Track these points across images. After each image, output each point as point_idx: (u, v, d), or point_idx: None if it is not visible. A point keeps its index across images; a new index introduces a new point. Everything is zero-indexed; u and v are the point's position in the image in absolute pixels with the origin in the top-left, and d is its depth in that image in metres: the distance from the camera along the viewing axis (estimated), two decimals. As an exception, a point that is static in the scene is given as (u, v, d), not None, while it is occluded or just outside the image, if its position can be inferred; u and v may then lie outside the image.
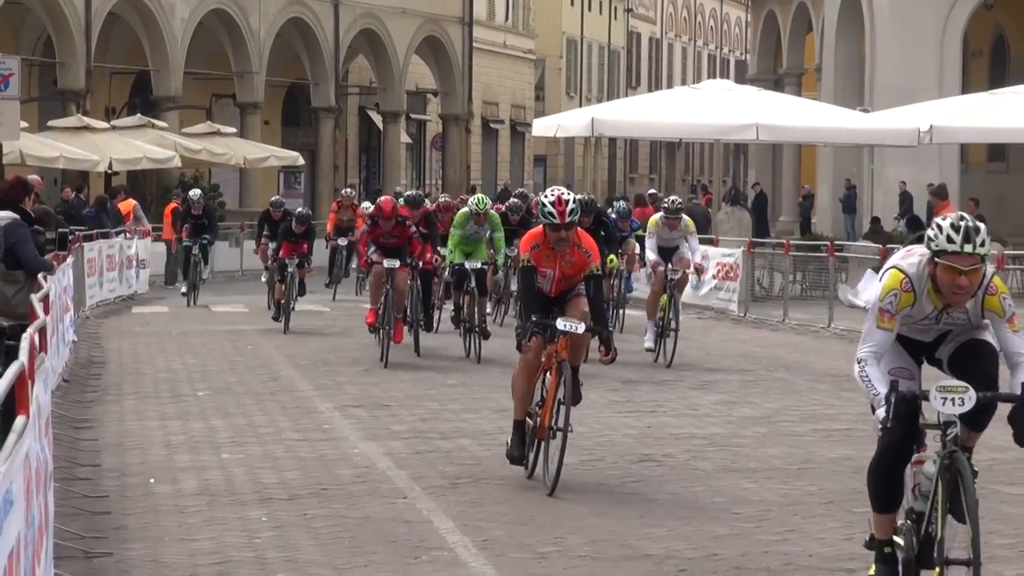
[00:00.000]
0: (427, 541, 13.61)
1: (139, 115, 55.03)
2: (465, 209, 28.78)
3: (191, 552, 13.26)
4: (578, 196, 22.72)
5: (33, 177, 32.48)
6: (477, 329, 27.62)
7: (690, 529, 14.02)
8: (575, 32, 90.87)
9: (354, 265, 43.98)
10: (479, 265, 28.07)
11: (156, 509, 15.07)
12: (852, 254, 39.28)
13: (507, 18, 79.68)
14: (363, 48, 67.26)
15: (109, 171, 50.60)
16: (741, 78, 69.02)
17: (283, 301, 32.42)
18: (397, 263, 26.25)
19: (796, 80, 65.47)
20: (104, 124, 52.72)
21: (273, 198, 39.39)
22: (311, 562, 12.94)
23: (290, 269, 32.67)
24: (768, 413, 21.40)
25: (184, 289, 39.23)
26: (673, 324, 27.46)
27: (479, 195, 30.20)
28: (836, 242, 40.12)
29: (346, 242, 42.40)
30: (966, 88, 52.07)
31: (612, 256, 28.43)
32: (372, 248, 27.07)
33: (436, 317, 30.54)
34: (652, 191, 52.65)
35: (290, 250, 33.05)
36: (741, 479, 16.46)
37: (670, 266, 27.48)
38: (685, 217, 27.93)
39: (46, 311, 15.43)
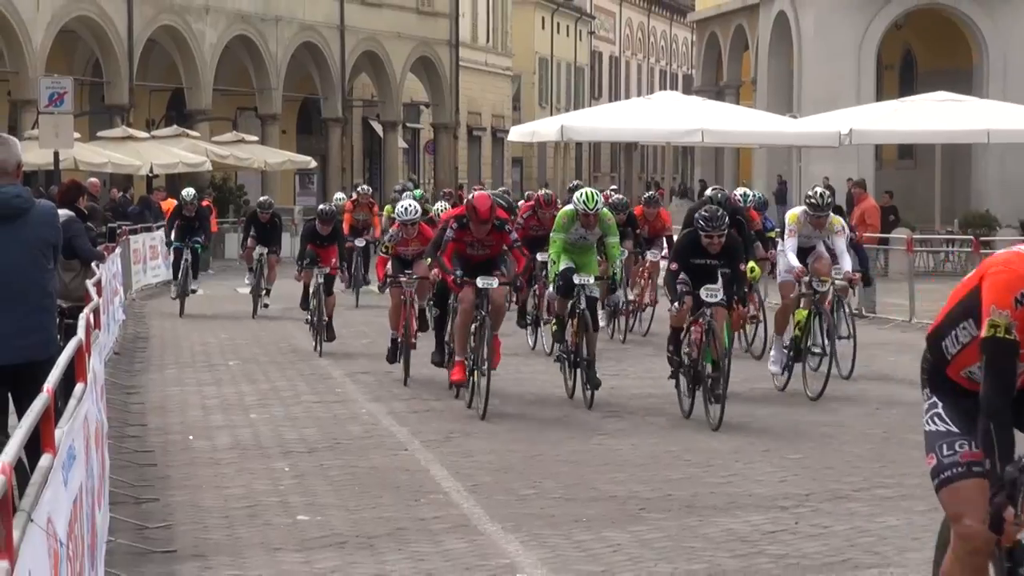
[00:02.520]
0: (425, 486, 13.65)
1: (175, 126, 54.92)
2: (569, 207, 19.46)
3: (225, 497, 13.30)
4: (614, 197, 21.05)
5: (92, 180, 32.50)
6: (583, 363, 18.43)
7: (647, 474, 14.08)
8: (546, 52, 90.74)
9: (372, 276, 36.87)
10: (591, 281, 18.64)
11: (194, 461, 15.10)
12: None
13: (488, 40, 79.52)
14: (365, 67, 67.14)
15: (150, 174, 50.47)
16: (688, 90, 68.96)
17: (315, 319, 24.39)
18: (495, 282, 17.94)
19: (735, 91, 65.42)
20: (145, 134, 52.59)
21: (261, 199, 33.67)
22: (327, 505, 12.98)
23: (319, 280, 24.70)
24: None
25: (174, 294, 31.69)
26: (819, 345, 19.53)
27: (587, 190, 19.59)
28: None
29: (363, 243, 34.15)
30: (880, 97, 52.07)
31: (753, 264, 20.97)
32: (457, 268, 18.19)
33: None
34: (639, 193, 47.89)
35: (316, 252, 25.27)
36: (692, 432, 16.51)
37: (817, 276, 19.43)
38: (832, 214, 19.71)
39: (99, 294, 15.44)
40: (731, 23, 66.02)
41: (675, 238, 25.89)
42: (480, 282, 17.96)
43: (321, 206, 27.77)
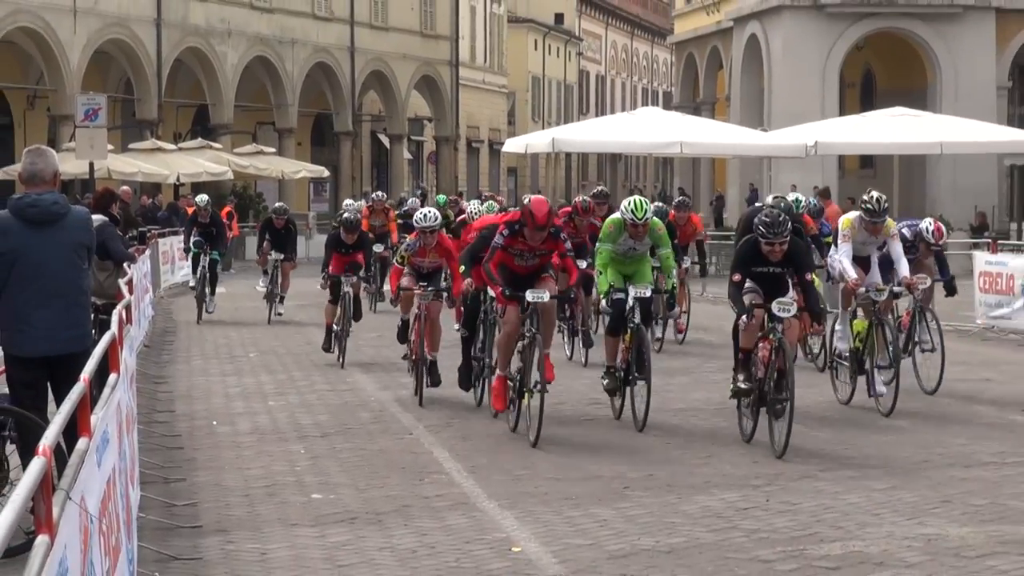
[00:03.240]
0: (428, 467, 13.66)
1: (200, 139, 54.96)
2: (616, 216, 16.42)
3: (246, 477, 13.31)
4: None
5: (124, 188, 32.44)
6: (635, 381, 15.63)
7: (631, 457, 14.08)
8: (538, 71, 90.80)
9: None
10: (647, 293, 15.96)
11: (218, 445, 15.10)
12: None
13: (485, 60, 79.52)
14: (373, 85, 67.16)
15: (177, 183, 50.54)
16: (668, 106, 68.93)
17: (338, 328, 21.83)
18: (545, 295, 14.92)
19: (710, 107, 65.43)
20: (172, 146, 52.63)
21: (276, 205, 31.93)
22: (339, 484, 12.98)
23: (345, 288, 21.99)
24: (691, 365, 21.42)
25: (196, 289, 29.07)
26: (880, 357, 16.89)
27: (636, 198, 16.51)
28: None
29: (381, 248, 30.56)
30: (842, 112, 52.11)
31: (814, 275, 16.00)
32: (500, 280, 15.24)
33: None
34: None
35: (341, 264, 22.32)
36: (671, 417, 16.50)
37: (874, 285, 17.03)
38: (888, 219, 17.08)
39: (130, 292, 15.45)
40: (707, 45, 66.06)
41: (706, 244, 25.79)
42: (530, 295, 14.96)
43: (346, 215, 24.24)
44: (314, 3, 62.19)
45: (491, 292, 16.17)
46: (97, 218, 14.12)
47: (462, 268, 16.54)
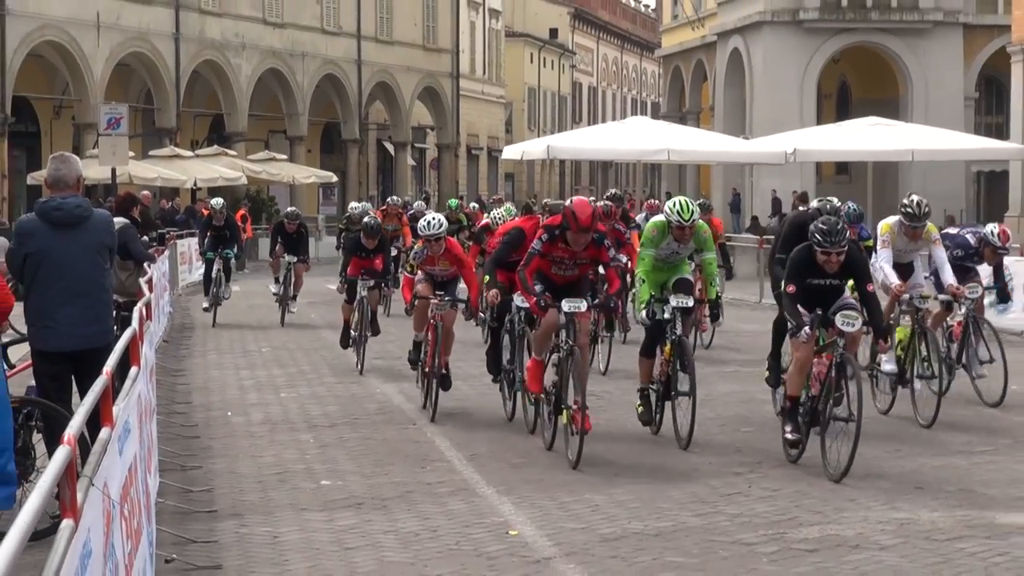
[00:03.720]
0: (430, 455, 13.65)
1: (216, 146, 55.02)
2: (659, 218, 14.66)
3: (259, 465, 13.30)
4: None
5: (144, 192, 32.43)
6: (677, 396, 13.89)
7: (621, 446, 14.07)
8: (534, 82, 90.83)
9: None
10: (689, 303, 14.10)
11: (232, 434, 15.09)
12: (738, 243, 39.33)
13: (484, 72, 79.53)
14: (379, 96, 67.19)
15: (194, 187, 50.54)
16: (656, 115, 68.97)
17: (356, 333, 20.64)
18: (583, 305, 13.13)
19: (696, 116, 65.49)
20: (190, 153, 52.66)
21: (288, 209, 30.57)
22: (346, 471, 12.97)
23: (363, 293, 20.55)
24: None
25: (206, 304, 27.89)
26: (930, 367, 15.32)
27: (681, 199, 14.56)
28: (726, 234, 40.17)
29: (395, 252, 28.30)
30: (819, 121, 52.15)
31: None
32: (539, 287, 13.43)
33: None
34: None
35: (359, 268, 20.90)
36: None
37: (919, 291, 15.62)
38: (929, 223, 15.43)
39: (150, 290, 15.42)
40: (692, 58, 66.09)
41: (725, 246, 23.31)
42: (566, 305, 13.13)
43: (366, 219, 22.03)
44: (323, 18, 62.22)
45: (518, 302, 14.52)
46: (119, 220, 14.12)
47: (487, 278, 14.73)
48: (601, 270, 14.67)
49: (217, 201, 29.28)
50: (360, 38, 64.21)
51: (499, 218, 22.48)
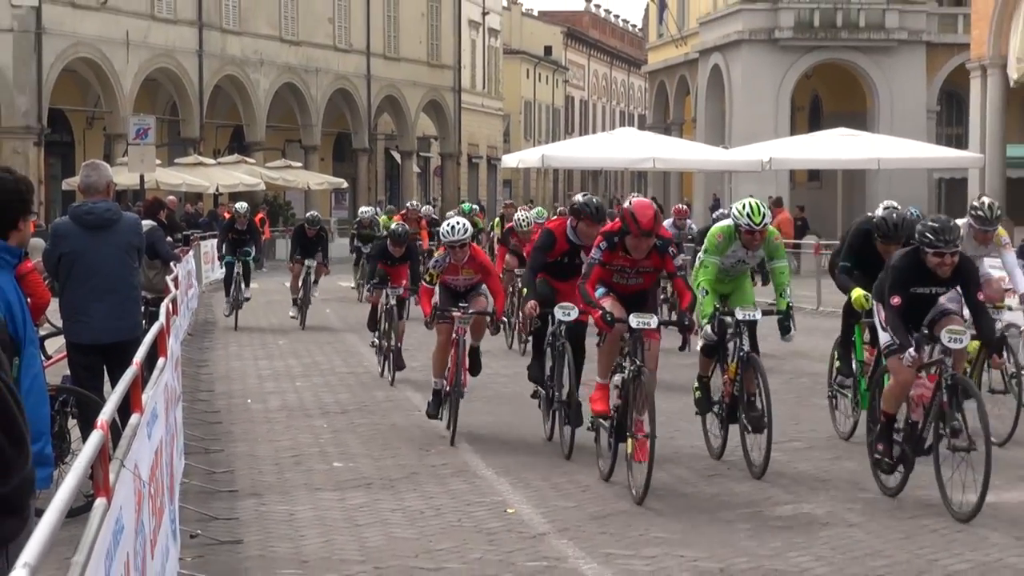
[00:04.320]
0: (434, 440, 13.66)
1: (236, 155, 54.96)
2: (726, 223, 12.51)
3: (276, 448, 13.31)
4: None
5: (170, 197, 32.37)
6: (747, 419, 11.87)
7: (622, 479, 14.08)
8: (530, 96, 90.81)
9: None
10: (758, 316, 12.09)
11: (251, 420, 15.10)
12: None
13: (484, 87, 79.48)
14: (387, 108, 67.15)
15: (216, 193, 50.50)
16: (642, 127, 68.95)
17: (386, 343, 18.48)
18: (653, 321, 11.11)
19: (679, 127, 65.45)
20: (212, 161, 52.60)
21: (308, 214, 28.25)
22: (357, 453, 12.99)
23: (392, 301, 18.56)
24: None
25: (227, 311, 26.24)
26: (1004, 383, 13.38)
27: (751, 200, 12.45)
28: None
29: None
30: (793, 132, 52.11)
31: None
32: (603, 297, 11.53)
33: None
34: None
35: (385, 272, 18.98)
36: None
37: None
38: (999, 227, 13.28)
39: (176, 287, 15.43)
40: (676, 73, 66.07)
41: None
42: (635, 321, 10.97)
43: (393, 226, 19.57)
44: (335, 37, 62.19)
45: (561, 314, 12.36)
46: (147, 223, 14.14)
47: (525, 291, 13.17)
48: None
49: (241, 205, 27.59)
50: (369, 55, 64.15)
51: (525, 221, 21.44)
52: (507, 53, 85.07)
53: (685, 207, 27.14)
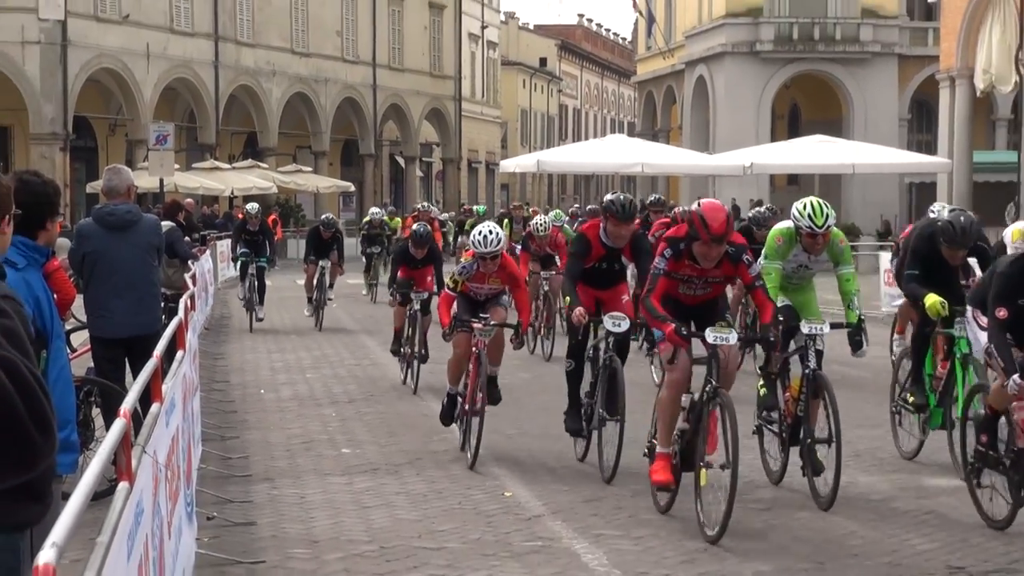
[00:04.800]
0: (436, 428, 13.61)
1: (250, 160, 54.93)
2: (785, 224, 11.04)
3: (288, 436, 13.31)
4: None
5: (188, 200, 32.27)
6: (807, 444, 10.23)
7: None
8: (526, 105, 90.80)
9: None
10: (826, 330, 10.27)
11: (265, 409, 15.10)
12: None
13: (483, 96, 79.49)
14: (392, 116, 67.11)
15: (231, 196, 50.49)
16: (632, 134, 68.90)
17: (408, 351, 16.90)
18: (732, 336, 9.35)
19: (666, 134, 65.45)
20: (227, 166, 52.57)
21: (324, 216, 26.97)
22: (363, 440, 12.99)
23: (416, 306, 16.77)
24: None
25: (241, 295, 25.17)
26: None
27: (813, 200, 10.68)
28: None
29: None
30: (773, 138, 52.12)
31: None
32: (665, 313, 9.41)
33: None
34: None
35: (408, 276, 17.27)
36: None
37: None
38: None
39: (194, 284, 15.43)
40: (663, 84, 66.07)
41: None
42: (711, 336, 9.20)
43: (415, 226, 17.57)
44: (343, 49, 62.17)
45: (611, 325, 10.86)
46: (166, 224, 14.12)
47: (567, 299, 11.33)
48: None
49: (252, 206, 26.03)
50: (375, 66, 64.14)
51: (542, 226, 20.15)
52: (505, 64, 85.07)
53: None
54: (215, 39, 53.75)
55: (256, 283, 24.31)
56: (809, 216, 10.38)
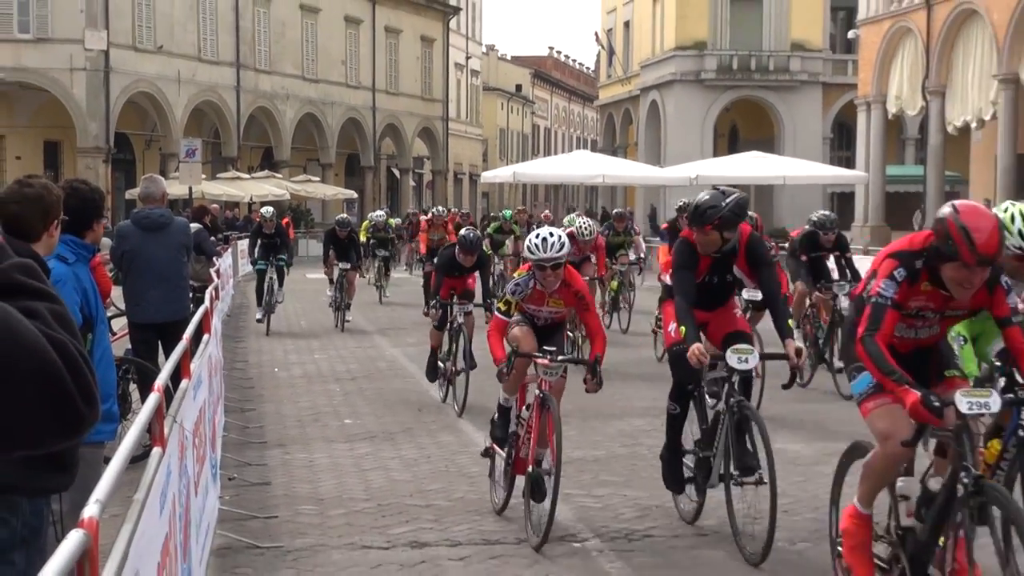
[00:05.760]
0: (426, 401, 13.65)
1: (266, 170, 54.74)
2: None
3: (298, 408, 13.28)
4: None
5: (213, 205, 32.12)
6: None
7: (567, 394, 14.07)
8: (504, 124, 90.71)
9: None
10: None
11: (278, 385, 15.07)
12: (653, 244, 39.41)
13: (467, 117, 79.40)
14: (389, 134, 66.96)
15: (250, 201, 50.29)
16: (594, 149, 68.91)
17: (447, 364, 13.52)
18: (994, 400, 5.15)
19: (624, 150, 65.44)
20: (247, 175, 52.37)
21: (339, 216, 24.75)
22: (364, 412, 12.97)
23: (460, 319, 13.37)
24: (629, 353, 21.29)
25: (260, 315, 21.95)
26: None
27: (1019, 206, 5.89)
28: (647, 239, 40.31)
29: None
30: (715, 154, 52.18)
31: None
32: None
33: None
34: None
35: (450, 288, 13.72)
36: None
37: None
38: None
39: (218, 277, 15.39)
40: (622, 107, 66.09)
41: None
42: (964, 403, 5.27)
43: (464, 232, 13.71)
44: (347, 76, 62.01)
45: (737, 362, 7.45)
46: (194, 226, 14.07)
47: (683, 329, 7.49)
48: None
49: (267, 210, 23.61)
50: (374, 91, 63.99)
51: (587, 229, 16.43)
52: (485, 90, 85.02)
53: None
54: (237, 67, 53.56)
55: (275, 284, 22.19)
56: (1020, 233, 6.28)
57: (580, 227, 16.73)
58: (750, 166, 42.09)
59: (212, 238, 19.28)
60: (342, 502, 8.98)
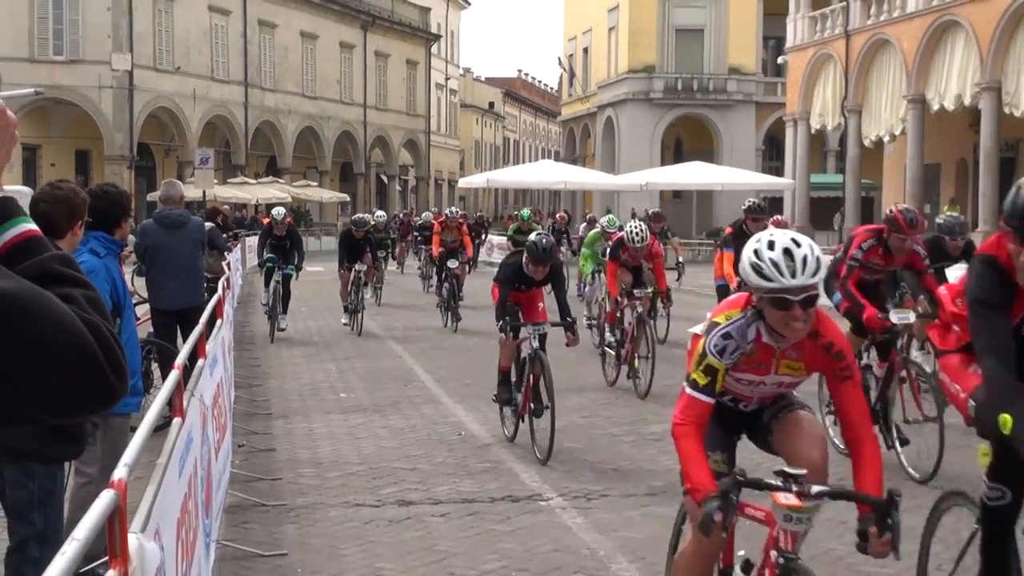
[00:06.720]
0: (411, 377, 13.64)
1: (271, 176, 54.54)
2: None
3: (300, 383, 13.25)
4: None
5: (224, 207, 31.96)
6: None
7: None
8: (479, 137, 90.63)
9: (463, 295, 19.81)
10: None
11: (282, 363, 15.02)
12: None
13: (447, 130, 79.26)
14: (378, 145, 66.78)
15: (256, 203, 50.10)
16: (557, 159, 68.89)
17: (522, 399, 9.45)
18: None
19: (583, 160, 65.48)
20: (254, 181, 52.17)
21: (356, 216, 20.82)
22: (356, 388, 12.94)
23: (535, 344, 9.17)
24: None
25: (265, 302, 18.60)
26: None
27: None
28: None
29: (456, 264, 19.44)
30: (663, 163, 52.32)
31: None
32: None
33: None
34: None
35: (516, 301, 9.68)
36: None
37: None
38: None
39: (229, 269, 15.31)
40: (582, 122, 66.14)
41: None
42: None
43: (533, 237, 9.70)
44: (342, 93, 61.79)
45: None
46: (208, 225, 14.02)
47: (1007, 419, 3.88)
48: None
49: (278, 211, 18.72)
50: (366, 107, 63.80)
51: (638, 235, 12.45)
52: (463, 107, 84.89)
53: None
54: (245, 86, 53.29)
55: (281, 291, 17.94)
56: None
57: (631, 231, 12.52)
58: (693, 174, 42.26)
59: (223, 235, 19.18)
60: (338, 466, 8.96)
